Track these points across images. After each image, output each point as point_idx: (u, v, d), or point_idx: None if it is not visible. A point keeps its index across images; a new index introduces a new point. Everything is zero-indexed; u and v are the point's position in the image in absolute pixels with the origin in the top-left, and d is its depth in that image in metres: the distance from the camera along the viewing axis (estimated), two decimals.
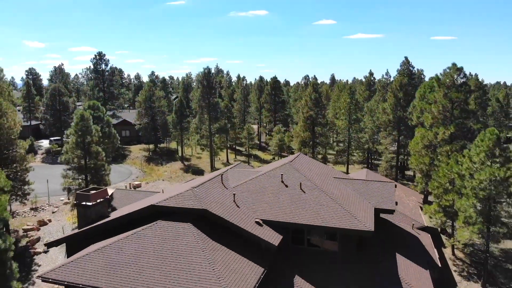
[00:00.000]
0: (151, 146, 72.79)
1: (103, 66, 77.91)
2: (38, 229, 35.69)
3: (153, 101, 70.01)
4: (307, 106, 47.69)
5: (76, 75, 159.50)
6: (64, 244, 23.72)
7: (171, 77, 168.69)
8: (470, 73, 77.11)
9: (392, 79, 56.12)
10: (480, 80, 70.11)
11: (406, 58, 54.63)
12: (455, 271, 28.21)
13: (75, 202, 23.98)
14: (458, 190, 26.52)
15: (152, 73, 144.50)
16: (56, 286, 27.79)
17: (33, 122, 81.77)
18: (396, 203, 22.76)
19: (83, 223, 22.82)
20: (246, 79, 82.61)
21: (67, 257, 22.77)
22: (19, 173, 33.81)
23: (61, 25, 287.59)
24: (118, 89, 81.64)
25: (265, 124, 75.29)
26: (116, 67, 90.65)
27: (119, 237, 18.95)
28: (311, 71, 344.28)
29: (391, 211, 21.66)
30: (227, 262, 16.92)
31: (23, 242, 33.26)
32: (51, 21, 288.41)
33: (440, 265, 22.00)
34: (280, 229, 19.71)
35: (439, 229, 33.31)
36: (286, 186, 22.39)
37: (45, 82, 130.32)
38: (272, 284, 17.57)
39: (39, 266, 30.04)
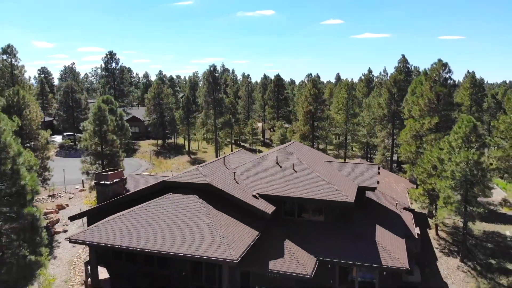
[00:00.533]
0: (160, 141, 76.03)
1: (114, 64, 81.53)
2: (57, 212, 38.91)
3: (161, 98, 73.25)
4: (307, 101, 50.54)
5: (86, 74, 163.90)
6: (82, 225, 26.84)
7: (178, 76, 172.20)
8: (468, 70, 79.37)
9: (389, 76, 58.77)
10: (477, 78, 72.41)
11: (403, 56, 57.34)
12: (437, 248, 30.89)
13: (94, 181, 27.11)
14: (439, 174, 29.18)
15: (160, 72, 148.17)
16: (75, 253, 31.05)
17: (47, 118, 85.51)
18: (378, 182, 25.54)
19: (102, 199, 25.93)
20: (250, 77, 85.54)
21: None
22: (40, 160, 37.05)
23: (69, 26, 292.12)
24: (127, 87, 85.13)
25: (268, 121, 78.15)
26: (125, 66, 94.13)
27: (135, 207, 22.00)
28: (317, 70, 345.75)
29: (373, 189, 24.48)
30: (227, 225, 19.88)
31: (44, 223, 36.47)
32: (60, 22, 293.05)
33: (417, 237, 24.73)
34: (274, 202, 22.61)
35: (426, 213, 36.03)
36: (280, 167, 25.31)
37: (55, 81, 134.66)
38: (265, 245, 20.48)
39: (59, 243, 33.18)
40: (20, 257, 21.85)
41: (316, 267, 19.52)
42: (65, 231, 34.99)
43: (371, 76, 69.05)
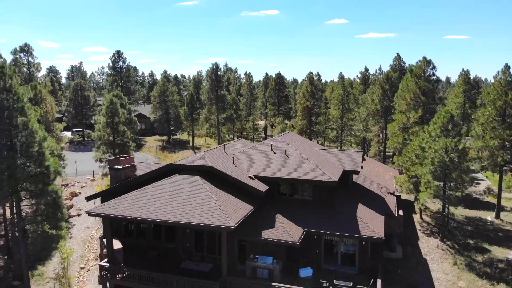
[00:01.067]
0: (165, 137, 79.11)
1: (121, 63, 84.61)
2: (71, 199, 42.04)
3: (166, 96, 76.30)
4: (304, 97, 53.36)
5: (92, 73, 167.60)
6: (89, 215, 29.80)
7: (182, 76, 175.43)
8: (463, 69, 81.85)
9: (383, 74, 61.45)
10: (472, 76, 74.95)
11: (397, 54, 60.05)
12: (419, 230, 33.64)
13: (108, 166, 30.11)
14: (421, 161, 31.92)
15: (165, 71, 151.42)
16: (89, 233, 34.10)
17: (56, 115, 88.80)
18: (362, 167, 28.35)
19: (114, 182, 28.92)
20: (252, 75, 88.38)
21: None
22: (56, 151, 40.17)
23: (75, 26, 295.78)
24: (134, 85, 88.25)
25: (270, 118, 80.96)
26: (131, 65, 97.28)
27: (145, 186, 24.94)
28: (321, 69, 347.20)
29: (356, 172, 27.29)
30: (226, 201, 22.79)
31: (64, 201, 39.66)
32: (65, 22, 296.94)
33: (397, 215, 27.46)
34: (268, 183, 25.47)
35: (413, 200, 38.74)
36: (274, 153, 28.18)
37: (62, 80, 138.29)
38: (259, 219, 23.35)
39: (74, 225, 36.26)
40: (43, 230, 24.92)
41: (302, 236, 22.37)
42: (79, 215, 38.09)
43: (367, 74, 71.90)
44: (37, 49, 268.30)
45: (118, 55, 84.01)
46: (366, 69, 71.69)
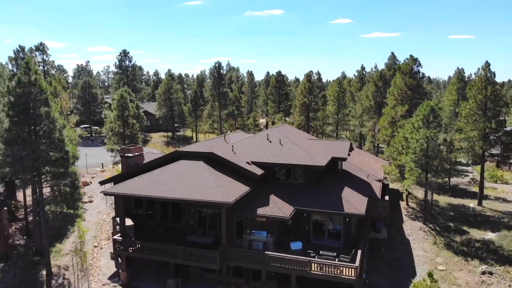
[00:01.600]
0: (169, 133, 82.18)
1: (127, 62, 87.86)
2: (83, 187, 45.08)
3: (171, 93, 79.33)
4: (302, 94, 56.22)
5: (98, 72, 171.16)
6: (104, 197, 32.74)
7: (186, 75, 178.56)
8: (457, 67, 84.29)
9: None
10: (464, 74, 77.52)
11: (392, 53, 62.61)
12: (405, 215, 36.42)
13: (119, 154, 33.11)
14: (406, 151, 34.72)
15: (169, 70, 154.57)
16: (101, 217, 37.08)
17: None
18: (349, 155, 31.18)
19: (125, 168, 31.91)
20: (253, 73, 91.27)
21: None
22: None
23: (80, 26, 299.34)
24: (139, 83, 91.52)
25: (271, 115, 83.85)
26: (136, 64, 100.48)
27: (154, 170, 27.91)
28: (325, 69, 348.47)
29: (344, 158, 30.15)
30: (226, 181, 25.72)
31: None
32: (70, 22, 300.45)
33: (379, 198, 30.25)
34: (263, 168, 28.35)
35: (400, 189, 41.50)
36: (270, 142, 31.08)
37: (69, 79, 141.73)
38: (255, 199, 26.25)
39: (86, 210, 39.29)
40: (62, 210, 28.03)
41: (293, 213, 25.26)
42: (90, 201, 41.13)
43: (364, 72, 74.67)
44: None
45: (124, 54, 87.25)
46: (363, 68, 74.55)
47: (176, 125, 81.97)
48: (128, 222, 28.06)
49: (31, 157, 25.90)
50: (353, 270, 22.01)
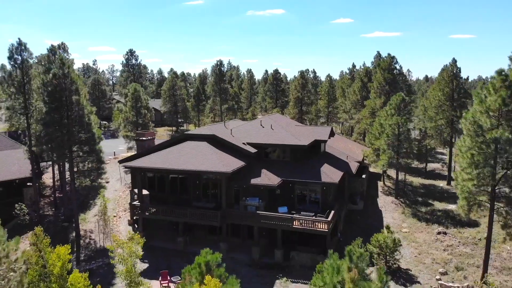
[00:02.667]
0: (174, 128, 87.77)
1: (133, 61, 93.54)
2: (107, 161, 50.78)
3: (175, 90, 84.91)
4: (296, 89, 61.76)
5: (102, 71, 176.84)
6: (119, 178, 38.29)
7: (188, 74, 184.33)
8: (446, 65, 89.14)
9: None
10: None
11: (378, 52, 68.23)
12: (380, 191, 41.92)
13: (135, 138, 38.69)
14: (381, 136, 40.18)
15: (171, 69, 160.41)
16: (117, 194, 42.57)
17: None
18: (329, 137, 36.70)
19: (140, 150, 37.50)
20: (252, 71, 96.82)
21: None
22: None
23: (81, 25, 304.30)
24: (145, 81, 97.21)
25: (269, 110, 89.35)
26: (141, 63, 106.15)
27: (165, 149, 33.50)
28: (325, 68, 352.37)
29: (325, 140, 35.70)
30: (225, 157, 31.29)
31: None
32: (71, 21, 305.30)
33: (355, 174, 35.72)
34: (257, 147, 33.87)
35: (381, 172, 47.00)
36: (263, 127, 36.66)
37: None
38: (249, 173, 31.79)
39: (99, 193, 44.89)
40: (90, 180, 33.71)
41: (280, 183, 30.81)
42: (107, 182, 46.69)
43: (354, 70, 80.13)
44: (43, 48, 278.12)
45: (131, 53, 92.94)
46: (354, 66, 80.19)
47: (179, 120, 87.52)
48: (144, 192, 33.65)
49: (65, 137, 31.59)
50: (325, 224, 27.55)
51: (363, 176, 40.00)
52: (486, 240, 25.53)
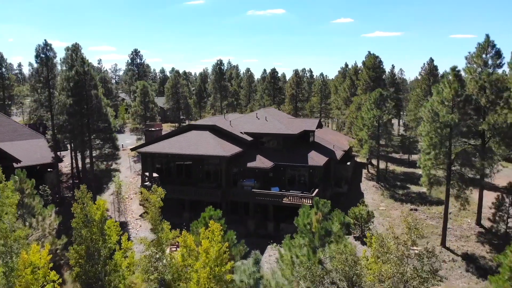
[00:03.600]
0: (176, 124, 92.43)
1: (138, 60, 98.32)
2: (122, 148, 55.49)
3: (178, 88, 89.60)
4: (291, 87, 66.50)
5: (105, 70, 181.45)
6: (129, 166, 43.04)
7: (189, 73, 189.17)
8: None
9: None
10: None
11: (369, 52, 72.61)
12: (364, 177, 46.64)
13: (144, 129, 43.45)
14: (363, 127, 44.91)
15: (173, 69, 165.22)
16: (128, 180, 47.25)
17: None
18: (317, 128, 41.42)
19: (148, 140, 42.26)
20: (251, 70, 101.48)
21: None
22: None
23: (82, 25, 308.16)
24: (149, 79, 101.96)
25: (266, 107, 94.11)
26: (144, 63, 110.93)
27: (172, 137, 38.23)
28: (326, 68, 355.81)
29: (313, 131, 40.43)
30: (225, 144, 36.03)
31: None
32: (72, 21, 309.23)
33: (338, 160, 40.42)
34: (253, 136, 38.60)
35: (366, 160, 51.75)
36: (258, 118, 41.41)
37: None
38: (246, 158, 36.51)
39: (114, 176, 49.60)
40: (106, 164, 38.46)
41: (272, 166, 35.52)
42: (117, 170, 51.47)
43: (346, 69, 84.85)
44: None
45: (136, 53, 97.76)
46: (346, 65, 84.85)
47: (181, 117, 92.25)
48: (154, 175, 38.36)
49: (85, 126, 36.33)
50: (310, 199, 32.28)
51: (348, 163, 44.73)
52: (444, 210, 30.30)
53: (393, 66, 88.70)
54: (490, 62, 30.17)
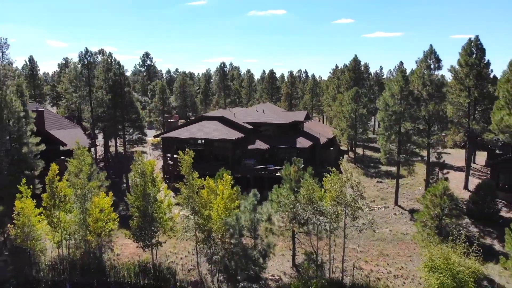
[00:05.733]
0: (183, 120, 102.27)
1: (149, 62, 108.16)
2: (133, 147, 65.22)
3: (185, 87, 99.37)
4: (286, 86, 76.19)
5: None
6: (148, 151, 52.67)
7: (192, 73, 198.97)
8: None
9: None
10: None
11: (355, 55, 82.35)
12: (346, 161, 56.33)
13: (164, 120, 53.11)
14: (343, 119, 54.57)
15: (176, 70, 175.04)
16: None
17: None
18: (305, 119, 51.14)
19: (168, 129, 51.97)
20: (251, 71, 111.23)
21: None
22: None
23: (83, 26, 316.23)
24: (159, 80, 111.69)
25: None
26: (155, 65, 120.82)
27: (188, 126, 47.97)
28: (326, 68, 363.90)
29: (301, 121, 50.15)
30: (230, 130, 45.78)
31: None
32: (74, 22, 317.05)
33: (321, 144, 50.09)
34: (253, 125, 48.30)
35: (347, 148, 61.42)
36: (257, 111, 51.19)
37: None
38: (247, 142, 46.19)
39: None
40: (135, 146, 48.15)
41: (268, 148, 45.23)
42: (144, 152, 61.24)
43: (338, 70, 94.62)
44: (46, 48, 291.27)
45: (146, 55, 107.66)
46: (337, 67, 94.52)
47: (188, 114, 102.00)
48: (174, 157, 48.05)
49: (120, 116, 46.07)
50: None
51: (331, 148, 54.45)
52: (396, 175, 39.97)
53: (381, 68, 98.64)
54: (432, 66, 39.88)
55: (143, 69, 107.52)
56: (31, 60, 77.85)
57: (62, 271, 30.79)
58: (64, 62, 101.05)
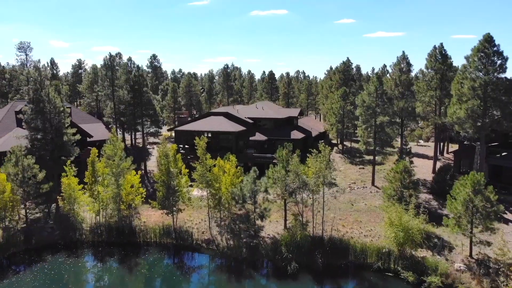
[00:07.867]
0: (189, 118, 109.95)
1: (156, 63, 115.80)
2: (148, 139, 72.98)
3: (190, 87, 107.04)
4: (284, 86, 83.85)
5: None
6: (175, 131, 60.32)
7: (194, 74, 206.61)
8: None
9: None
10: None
11: (348, 58, 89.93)
12: (334, 152, 64.00)
13: (176, 116, 60.81)
14: (333, 115, 62.17)
15: (180, 70, 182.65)
16: None
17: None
18: (299, 115, 58.84)
19: (180, 124, 59.70)
20: (251, 71, 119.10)
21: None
22: None
23: (85, 26, 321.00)
24: (166, 80, 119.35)
25: None
26: (157, 65, 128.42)
27: (197, 121, 55.69)
28: (325, 68, 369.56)
29: (296, 116, 57.85)
30: (234, 125, 53.49)
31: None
32: (75, 22, 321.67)
33: (313, 137, 57.76)
34: (253, 120, 55.97)
35: (337, 141, 69.04)
36: (257, 108, 58.93)
37: None
38: (249, 133, 53.87)
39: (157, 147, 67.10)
40: (153, 137, 56.03)
41: (266, 140, 52.91)
42: (157, 143, 69.03)
43: (331, 71, 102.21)
44: (48, 48, 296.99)
45: (154, 57, 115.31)
46: (331, 68, 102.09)
47: (193, 112, 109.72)
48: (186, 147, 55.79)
49: (139, 112, 53.79)
50: None
51: (322, 141, 62.03)
52: (372, 160, 47.60)
53: (373, 69, 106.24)
54: (404, 69, 47.61)
55: (150, 70, 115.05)
56: (52, 62, 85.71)
57: (100, 234, 38.50)
58: (77, 63, 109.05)
